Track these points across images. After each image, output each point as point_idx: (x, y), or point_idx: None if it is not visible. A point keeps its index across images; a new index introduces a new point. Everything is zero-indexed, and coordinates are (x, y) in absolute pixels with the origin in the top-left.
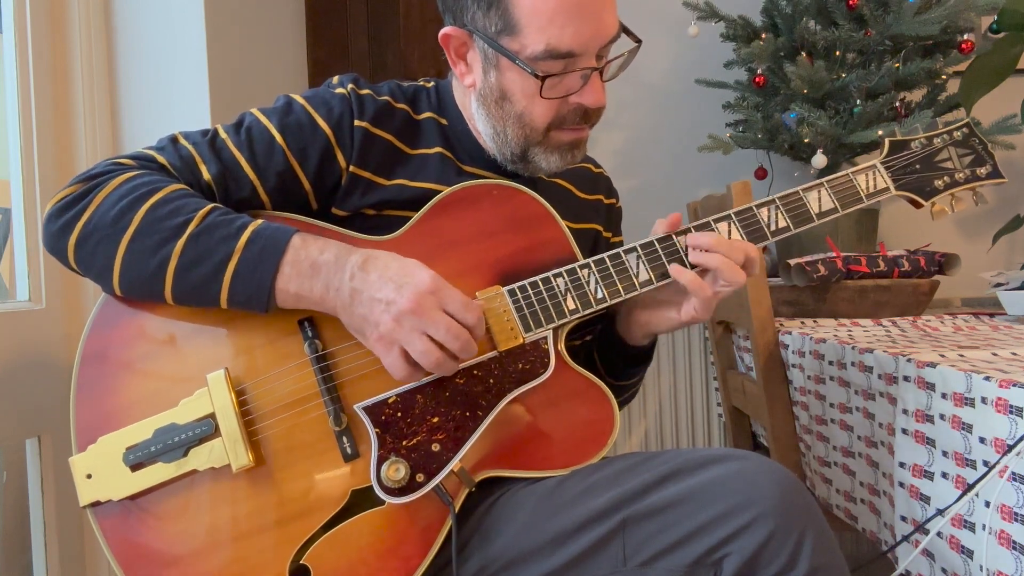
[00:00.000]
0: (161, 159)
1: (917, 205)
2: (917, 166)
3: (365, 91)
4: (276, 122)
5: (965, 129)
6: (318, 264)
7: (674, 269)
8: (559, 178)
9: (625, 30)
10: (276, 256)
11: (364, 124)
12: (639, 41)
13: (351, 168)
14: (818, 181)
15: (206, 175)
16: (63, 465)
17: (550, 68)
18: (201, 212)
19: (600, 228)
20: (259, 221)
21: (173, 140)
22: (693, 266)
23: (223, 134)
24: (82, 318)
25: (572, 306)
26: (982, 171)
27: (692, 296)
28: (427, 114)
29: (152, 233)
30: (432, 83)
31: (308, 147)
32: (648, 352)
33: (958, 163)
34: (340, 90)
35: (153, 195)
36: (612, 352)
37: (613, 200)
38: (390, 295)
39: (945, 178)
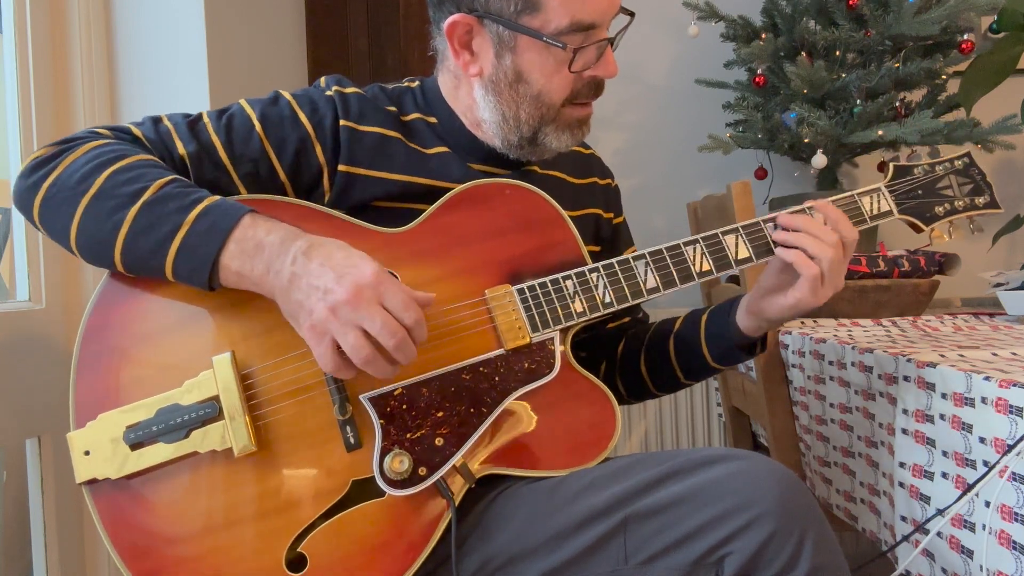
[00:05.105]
0: (137, 132)
1: (917, 230)
2: (919, 192)
3: (349, 90)
4: (258, 111)
5: (966, 159)
6: (263, 244)
7: (778, 251)
8: (551, 168)
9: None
10: (224, 232)
11: (350, 123)
12: (632, 14)
13: (340, 167)
14: (824, 200)
15: (180, 150)
16: (63, 465)
17: (574, 41)
18: (160, 182)
19: (600, 211)
20: (215, 197)
21: (155, 119)
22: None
23: (205, 118)
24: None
25: (580, 309)
26: (980, 201)
27: (799, 277)
28: (414, 115)
29: (110, 198)
30: (417, 83)
31: (286, 139)
32: (753, 344)
33: (958, 191)
34: (328, 92)
35: (118, 161)
36: (720, 339)
37: (608, 180)
38: (329, 284)
39: (945, 205)
